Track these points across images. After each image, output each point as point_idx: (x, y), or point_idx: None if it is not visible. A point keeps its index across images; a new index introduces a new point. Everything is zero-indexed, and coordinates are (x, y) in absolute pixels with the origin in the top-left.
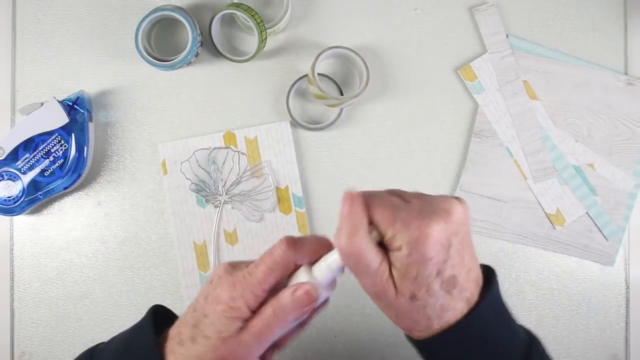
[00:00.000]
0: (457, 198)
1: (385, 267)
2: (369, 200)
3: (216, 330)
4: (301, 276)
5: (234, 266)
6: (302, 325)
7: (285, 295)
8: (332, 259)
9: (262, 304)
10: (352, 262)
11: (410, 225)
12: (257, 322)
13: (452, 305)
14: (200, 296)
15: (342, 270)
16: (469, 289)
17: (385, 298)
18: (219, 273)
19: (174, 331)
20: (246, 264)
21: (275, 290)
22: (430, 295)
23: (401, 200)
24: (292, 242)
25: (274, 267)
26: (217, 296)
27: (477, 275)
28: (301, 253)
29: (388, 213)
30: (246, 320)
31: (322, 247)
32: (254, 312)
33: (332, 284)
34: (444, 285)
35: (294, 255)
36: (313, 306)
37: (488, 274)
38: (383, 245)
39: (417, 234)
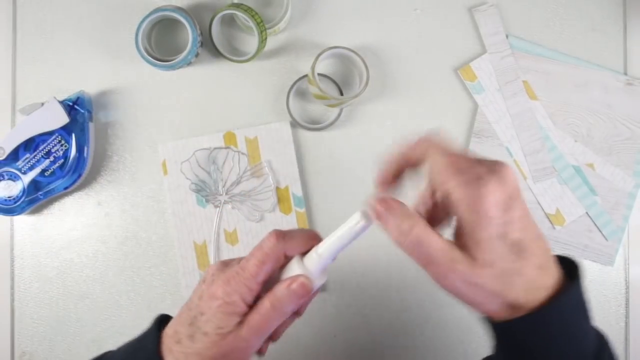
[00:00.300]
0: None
1: (450, 245)
2: (436, 156)
3: (215, 326)
4: (294, 268)
5: (226, 264)
6: (296, 314)
7: (281, 289)
8: (322, 249)
9: (257, 297)
10: (417, 255)
11: (473, 184)
12: (256, 317)
13: (528, 271)
14: (194, 296)
15: (333, 258)
16: (541, 257)
17: (458, 275)
18: (211, 272)
19: (169, 330)
20: (238, 260)
21: (268, 282)
22: (503, 259)
23: (467, 160)
24: (281, 235)
25: (265, 260)
26: (212, 293)
27: (547, 247)
28: (290, 245)
29: (450, 169)
30: (243, 315)
31: (311, 239)
32: (250, 306)
33: (324, 272)
34: (513, 248)
35: (283, 248)
36: (308, 297)
37: (570, 264)
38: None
39: (478, 192)
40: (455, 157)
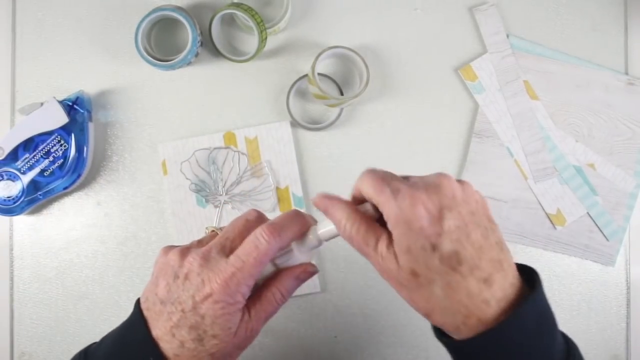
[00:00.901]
0: (459, 180)
1: (383, 244)
2: (362, 176)
3: (222, 327)
4: (297, 257)
5: (207, 258)
6: None
7: (291, 280)
8: (324, 234)
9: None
10: (355, 247)
11: (397, 195)
12: (268, 307)
13: (465, 285)
14: (182, 295)
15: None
16: (485, 270)
17: (390, 275)
18: (195, 270)
19: (164, 334)
20: (217, 249)
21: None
22: (430, 270)
23: (397, 177)
24: (276, 232)
25: (263, 259)
26: (210, 295)
27: (498, 258)
28: (285, 240)
29: (376, 183)
30: (244, 306)
31: (302, 227)
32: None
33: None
34: (444, 260)
35: (279, 244)
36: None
37: (531, 275)
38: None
39: (403, 204)
40: (385, 175)
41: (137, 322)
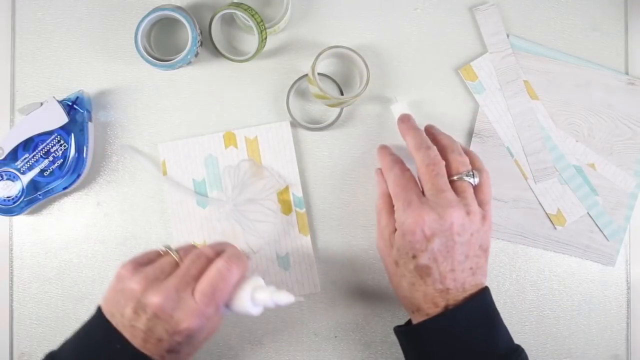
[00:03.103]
0: (471, 210)
1: (391, 228)
2: (390, 168)
3: (196, 340)
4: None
5: (174, 299)
6: None
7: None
8: (260, 299)
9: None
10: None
11: (407, 208)
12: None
13: (424, 289)
14: (155, 329)
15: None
16: (447, 284)
17: (382, 247)
18: (165, 309)
19: (137, 345)
20: (181, 287)
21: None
22: (405, 269)
23: (416, 186)
24: (236, 260)
25: (228, 289)
26: (186, 330)
27: (463, 280)
28: (243, 268)
29: (398, 188)
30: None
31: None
32: None
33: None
34: (417, 268)
35: (241, 270)
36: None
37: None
38: None
39: (408, 218)
40: (407, 182)
41: (100, 324)
